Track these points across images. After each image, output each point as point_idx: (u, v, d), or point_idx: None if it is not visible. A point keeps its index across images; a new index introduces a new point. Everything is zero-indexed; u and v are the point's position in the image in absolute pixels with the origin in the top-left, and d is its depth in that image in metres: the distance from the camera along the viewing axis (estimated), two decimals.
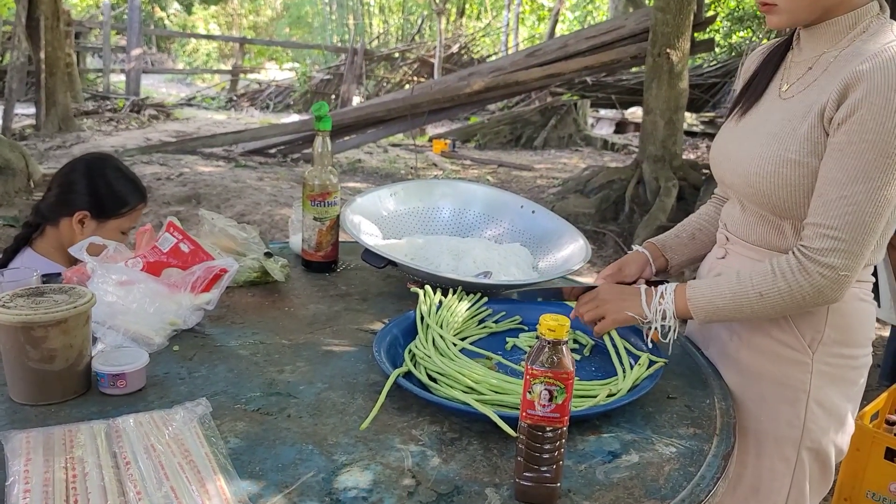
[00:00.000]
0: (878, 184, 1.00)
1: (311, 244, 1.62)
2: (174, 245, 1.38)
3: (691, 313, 1.14)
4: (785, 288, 1.06)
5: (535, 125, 9.85)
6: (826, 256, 1.03)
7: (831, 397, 1.19)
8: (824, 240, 1.03)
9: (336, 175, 1.60)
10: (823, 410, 1.19)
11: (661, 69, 5.44)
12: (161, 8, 19.85)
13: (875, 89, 0.99)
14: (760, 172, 1.12)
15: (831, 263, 1.02)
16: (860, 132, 1.00)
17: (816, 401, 1.18)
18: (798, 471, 1.21)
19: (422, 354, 1.16)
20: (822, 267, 1.03)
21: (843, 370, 1.19)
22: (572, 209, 5.49)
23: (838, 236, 1.02)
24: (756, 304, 1.09)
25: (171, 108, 11.38)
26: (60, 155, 7.37)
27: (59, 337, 1.02)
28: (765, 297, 1.07)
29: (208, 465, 0.88)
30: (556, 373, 0.83)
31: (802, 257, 1.05)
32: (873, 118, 0.99)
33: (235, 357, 1.21)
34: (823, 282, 1.04)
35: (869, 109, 0.99)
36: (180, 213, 5.28)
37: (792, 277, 1.05)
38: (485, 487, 0.89)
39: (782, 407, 1.19)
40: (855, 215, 1.01)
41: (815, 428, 1.19)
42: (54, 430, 0.93)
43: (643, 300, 1.17)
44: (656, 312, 1.15)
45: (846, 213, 1.01)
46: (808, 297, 1.06)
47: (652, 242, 1.38)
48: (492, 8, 18.38)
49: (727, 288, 1.11)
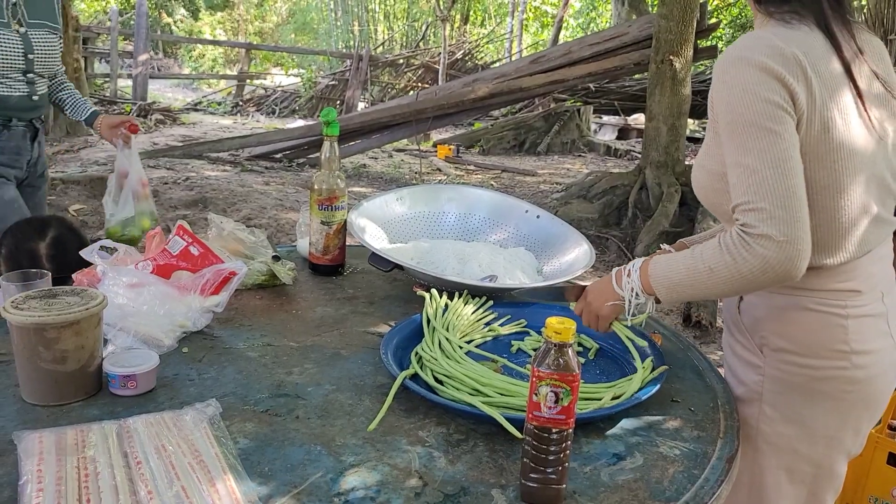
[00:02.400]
0: (761, 149, 1.02)
1: (319, 248, 1.63)
2: (184, 248, 1.39)
3: (654, 290, 1.14)
4: (731, 262, 1.05)
5: (538, 131, 9.87)
6: (755, 228, 1.02)
7: (793, 406, 1.17)
8: (747, 214, 1.03)
9: (343, 180, 1.62)
10: (780, 415, 1.18)
11: (664, 76, 5.45)
12: (168, 14, 19.96)
13: (716, 80, 1.08)
14: (692, 179, 1.21)
15: (764, 233, 1.01)
16: (723, 116, 1.07)
17: (770, 404, 1.18)
18: (755, 471, 1.21)
19: (428, 357, 1.17)
20: (758, 238, 1.02)
21: (806, 380, 1.15)
22: (575, 214, 5.49)
23: (757, 206, 1.02)
24: (708, 280, 1.08)
25: (178, 112, 11.44)
26: (68, 159, 7.42)
27: (71, 338, 1.03)
28: (714, 271, 1.07)
29: (218, 465, 0.89)
30: (562, 375, 0.84)
31: (742, 232, 1.05)
32: (725, 100, 1.06)
33: (244, 359, 1.22)
34: (765, 252, 1.01)
35: (718, 97, 1.07)
36: (187, 217, 5.31)
37: (735, 250, 1.04)
38: (491, 488, 0.90)
39: (743, 405, 1.21)
40: (759, 184, 1.02)
41: (770, 431, 1.18)
42: (66, 431, 0.94)
43: (614, 283, 1.19)
44: (626, 290, 1.17)
45: (750, 183, 1.03)
46: (756, 270, 1.03)
47: (682, 242, 1.38)
48: (496, 15, 18.44)
49: (682, 264, 1.11)
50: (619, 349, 1.28)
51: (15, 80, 2.12)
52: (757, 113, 1.02)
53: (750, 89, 1.03)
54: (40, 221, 1.80)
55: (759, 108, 1.02)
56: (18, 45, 2.09)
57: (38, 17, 2.17)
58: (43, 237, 1.75)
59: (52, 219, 1.83)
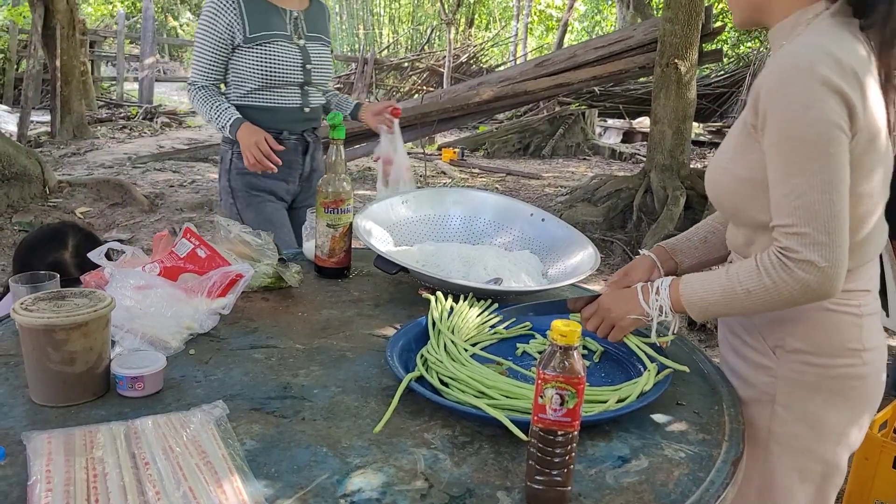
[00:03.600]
0: (812, 171, 1.01)
1: (325, 250, 1.64)
2: (191, 250, 1.40)
3: (686, 310, 1.15)
4: (770, 284, 1.06)
5: (543, 134, 9.87)
6: (798, 253, 1.03)
7: (806, 405, 1.18)
8: (790, 238, 1.03)
9: (350, 183, 1.62)
10: (793, 415, 1.18)
11: (669, 79, 5.45)
12: (174, 17, 20.05)
13: (773, 89, 1.03)
14: (710, 181, 1.20)
15: (807, 258, 1.02)
16: (776, 131, 1.03)
17: (783, 405, 1.18)
18: (766, 472, 1.21)
19: (433, 359, 1.17)
20: (800, 263, 1.03)
21: (819, 379, 1.16)
22: (580, 217, 5.49)
23: (800, 231, 1.02)
24: (746, 301, 1.09)
25: (184, 115, 11.48)
26: (75, 162, 7.45)
27: (79, 340, 1.04)
28: (752, 293, 1.07)
29: (225, 467, 0.89)
30: (568, 377, 0.84)
31: (781, 255, 1.05)
32: (781, 114, 1.02)
33: (250, 360, 1.23)
34: (807, 277, 1.03)
35: (773, 109, 1.03)
36: (193, 220, 5.32)
37: (776, 274, 1.05)
38: (496, 490, 0.90)
39: (752, 408, 1.22)
40: (805, 208, 1.01)
41: (781, 432, 1.19)
42: (75, 432, 0.95)
43: (641, 299, 1.19)
44: (654, 308, 1.17)
45: (796, 207, 1.02)
46: (796, 293, 1.05)
47: (661, 246, 1.38)
48: (500, 18, 18.46)
49: (717, 284, 1.11)
50: (624, 352, 1.28)
51: (290, 92, 2.18)
52: (815, 133, 1.00)
53: (812, 106, 1.00)
54: (54, 231, 1.81)
55: (818, 128, 1.00)
56: (298, 56, 2.16)
57: (316, 31, 2.24)
58: (64, 245, 1.76)
59: (65, 226, 1.84)
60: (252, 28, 2.10)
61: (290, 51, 2.14)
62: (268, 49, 2.11)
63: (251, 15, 2.10)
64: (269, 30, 2.11)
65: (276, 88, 2.16)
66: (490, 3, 18.62)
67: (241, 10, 2.09)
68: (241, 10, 2.09)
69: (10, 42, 11.08)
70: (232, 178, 2.23)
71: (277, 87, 2.16)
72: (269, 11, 2.13)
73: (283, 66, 2.13)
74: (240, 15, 2.08)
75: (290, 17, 2.16)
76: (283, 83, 2.15)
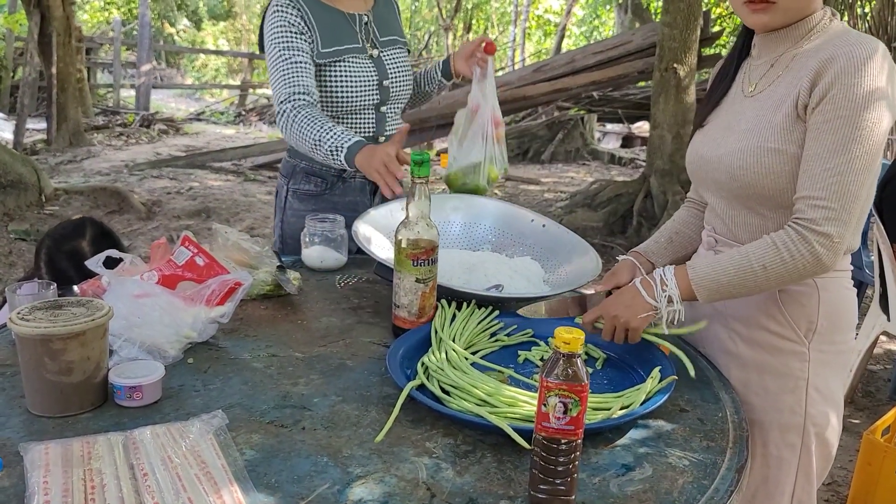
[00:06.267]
0: (856, 153, 1.08)
1: (413, 310, 1.31)
2: (189, 258, 1.39)
3: (695, 294, 1.17)
4: (788, 258, 1.11)
5: (542, 139, 9.88)
6: (821, 225, 1.09)
7: (827, 382, 1.25)
8: (816, 210, 1.10)
9: (436, 226, 1.31)
10: (821, 395, 1.25)
11: (668, 84, 5.46)
12: (170, 24, 20.07)
13: (843, 70, 1.09)
14: (744, 165, 1.19)
15: (826, 231, 1.09)
16: (834, 110, 1.09)
17: (815, 387, 1.24)
18: (804, 456, 1.26)
19: (434, 367, 1.16)
20: (819, 235, 1.10)
21: (835, 356, 1.25)
22: (580, 223, 5.49)
23: (828, 205, 1.09)
24: (760, 277, 1.13)
25: (181, 122, 11.49)
26: (71, 169, 7.44)
27: (77, 349, 1.03)
28: (768, 269, 1.12)
29: (224, 477, 0.88)
30: (571, 385, 0.84)
31: (801, 228, 1.11)
32: (844, 95, 1.08)
33: (250, 369, 1.22)
34: (821, 250, 1.10)
35: (840, 89, 1.09)
36: (190, 227, 5.32)
37: (795, 248, 1.11)
38: (499, 500, 0.89)
39: (785, 396, 1.25)
40: (840, 185, 1.08)
41: (815, 413, 1.25)
42: (72, 442, 0.94)
43: (644, 294, 1.20)
44: (661, 300, 1.18)
45: (831, 183, 1.09)
46: (808, 266, 1.11)
47: (636, 250, 1.45)
48: (498, 23, 18.51)
49: (729, 264, 1.15)
50: (628, 359, 1.28)
51: (362, 118, 1.76)
52: (871, 120, 1.08)
53: (883, 99, 1.08)
54: (75, 224, 1.84)
55: (876, 114, 1.08)
56: (373, 72, 1.75)
57: (389, 33, 1.81)
58: (83, 235, 1.78)
59: (86, 220, 1.86)
60: (324, 42, 1.68)
61: (363, 67, 1.73)
62: (337, 70, 1.70)
63: (321, 26, 1.67)
64: (340, 44, 1.70)
65: (344, 117, 1.75)
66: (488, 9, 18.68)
67: (310, 20, 1.66)
68: (310, 20, 1.66)
69: (6, 49, 11.09)
70: (286, 221, 1.81)
71: (346, 115, 1.75)
72: (336, 20, 1.70)
73: (356, 88, 1.72)
74: (308, 25, 1.66)
75: (359, 24, 1.74)
76: (353, 109, 1.74)
